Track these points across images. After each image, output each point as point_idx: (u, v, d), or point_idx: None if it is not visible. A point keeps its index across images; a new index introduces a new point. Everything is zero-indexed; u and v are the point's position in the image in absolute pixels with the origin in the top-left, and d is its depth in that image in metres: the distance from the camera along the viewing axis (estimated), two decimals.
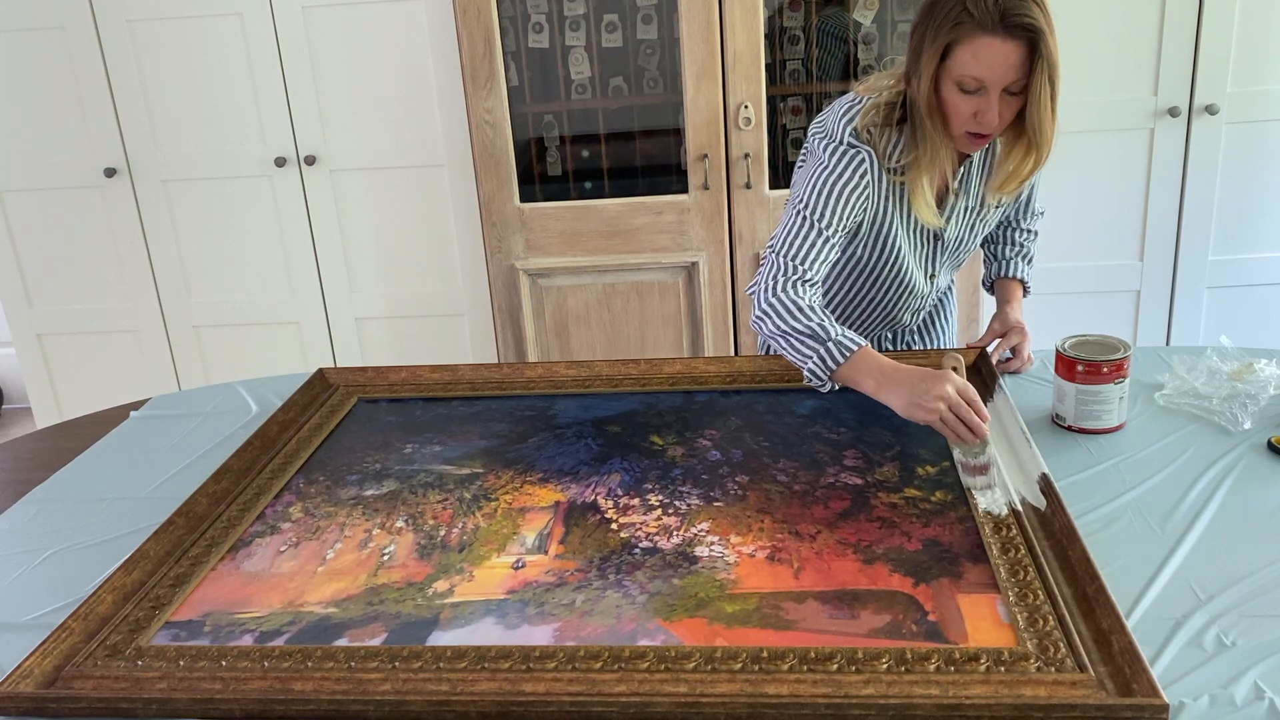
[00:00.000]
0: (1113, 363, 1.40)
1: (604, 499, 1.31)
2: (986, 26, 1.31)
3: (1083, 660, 0.93)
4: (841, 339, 1.38)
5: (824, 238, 1.47)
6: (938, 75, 1.38)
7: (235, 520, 1.31)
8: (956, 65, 1.35)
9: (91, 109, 2.90)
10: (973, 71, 1.34)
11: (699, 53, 2.54)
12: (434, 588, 1.14)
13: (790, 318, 1.41)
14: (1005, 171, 1.50)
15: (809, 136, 1.57)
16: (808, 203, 1.48)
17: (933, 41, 1.36)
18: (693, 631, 1.02)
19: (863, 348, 1.37)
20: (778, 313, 1.43)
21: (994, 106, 1.36)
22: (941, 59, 1.37)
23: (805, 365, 1.40)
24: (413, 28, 2.80)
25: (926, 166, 1.46)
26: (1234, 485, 1.26)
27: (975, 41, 1.33)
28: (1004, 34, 1.31)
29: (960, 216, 1.59)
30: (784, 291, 1.44)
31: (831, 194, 1.47)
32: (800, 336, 1.40)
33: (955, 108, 1.39)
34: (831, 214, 1.47)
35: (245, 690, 0.97)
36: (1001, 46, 1.32)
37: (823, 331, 1.39)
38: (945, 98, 1.39)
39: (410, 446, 1.50)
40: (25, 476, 1.51)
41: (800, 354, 1.40)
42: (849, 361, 1.37)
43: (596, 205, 2.70)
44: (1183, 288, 2.90)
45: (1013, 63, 1.33)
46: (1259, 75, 2.70)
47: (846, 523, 1.21)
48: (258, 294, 3.10)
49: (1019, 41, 1.32)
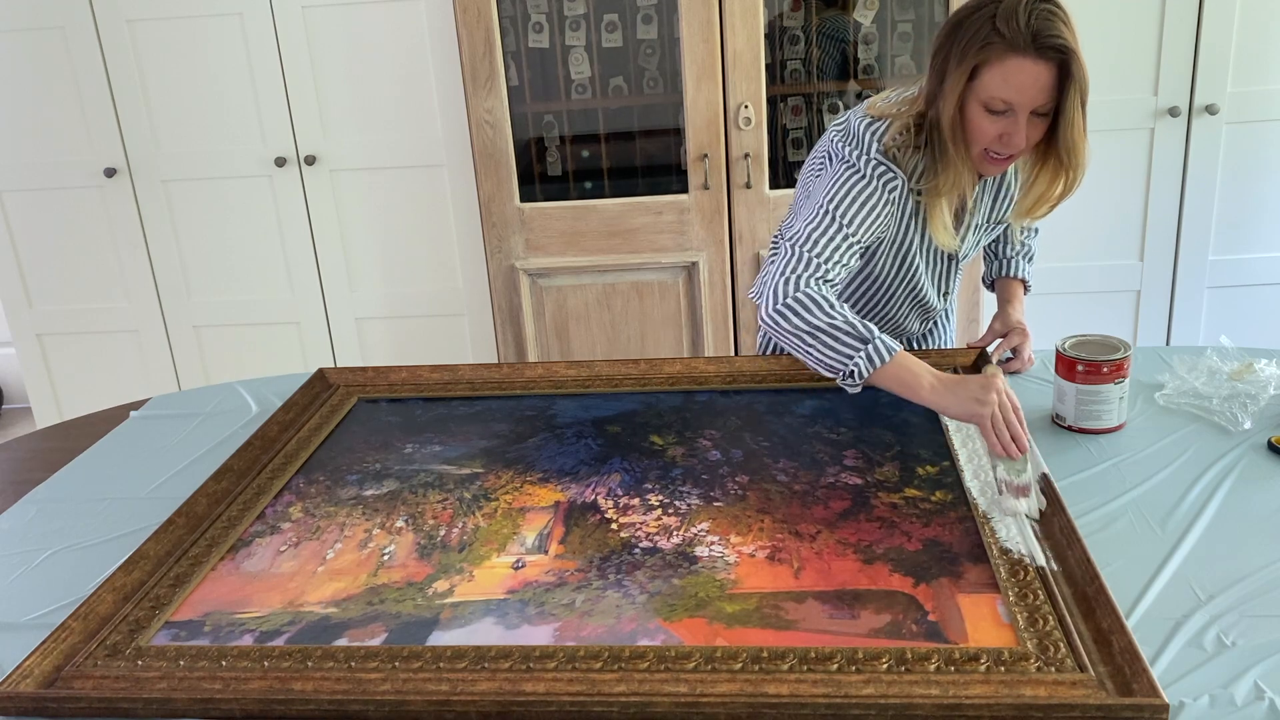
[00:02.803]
0: (1113, 363, 1.40)
1: (604, 499, 1.31)
2: (1018, 47, 1.28)
3: (1083, 660, 0.93)
4: (883, 339, 1.35)
5: (848, 241, 1.43)
6: (964, 96, 1.35)
7: (235, 520, 1.31)
8: (985, 86, 1.32)
9: (91, 109, 2.90)
10: (1002, 94, 1.31)
11: (699, 53, 2.54)
12: (434, 588, 1.14)
13: (821, 313, 1.37)
14: (1035, 195, 1.46)
15: (829, 139, 1.53)
16: (837, 203, 1.44)
17: (960, 62, 1.33)
18: (693, 631, 1.02)
19: (901, 350, 1.36)
20: (805, 308, 1.38)
21: (1022, 128, 1.33)
22: (969, 79, 1.34)
23: (846, 364, 1.36)
24: (413, 28, 2.80)
25: (946, 190, 1.43)
26: (1234, 485, 1.26)
27: (1006, 63, 1.30)
28: (1035, 55, 1.28)
29: (972, 234, 1.60)
30: (809, 286, 1.40)
31: (864, 204, 1.44)
32: (838, 334, 1.36)
33: (980, 129, 1.36)
34: (860, 222, 1.43)
35: (245, 690, 0.97)
36: (1033, 68, 1.29)
37: (865, 330, 1.36)
38: (970, 119, 1.36)
39: (410, 446, 1.50)
40: (25, 476, 1.51)
41: (836, 352, 1.36)
42: (893, 361, 1.34)
43: (596, 205, 2.70)
44: (1183, 288, 2.90)
45: (1044, 84, 1.30)
46: (1259, 75, 2.70)
47: (846, 523, 1.21)
48: (258, 294, 3.10)
49: (1050, 63, 1.29)
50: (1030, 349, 1.65)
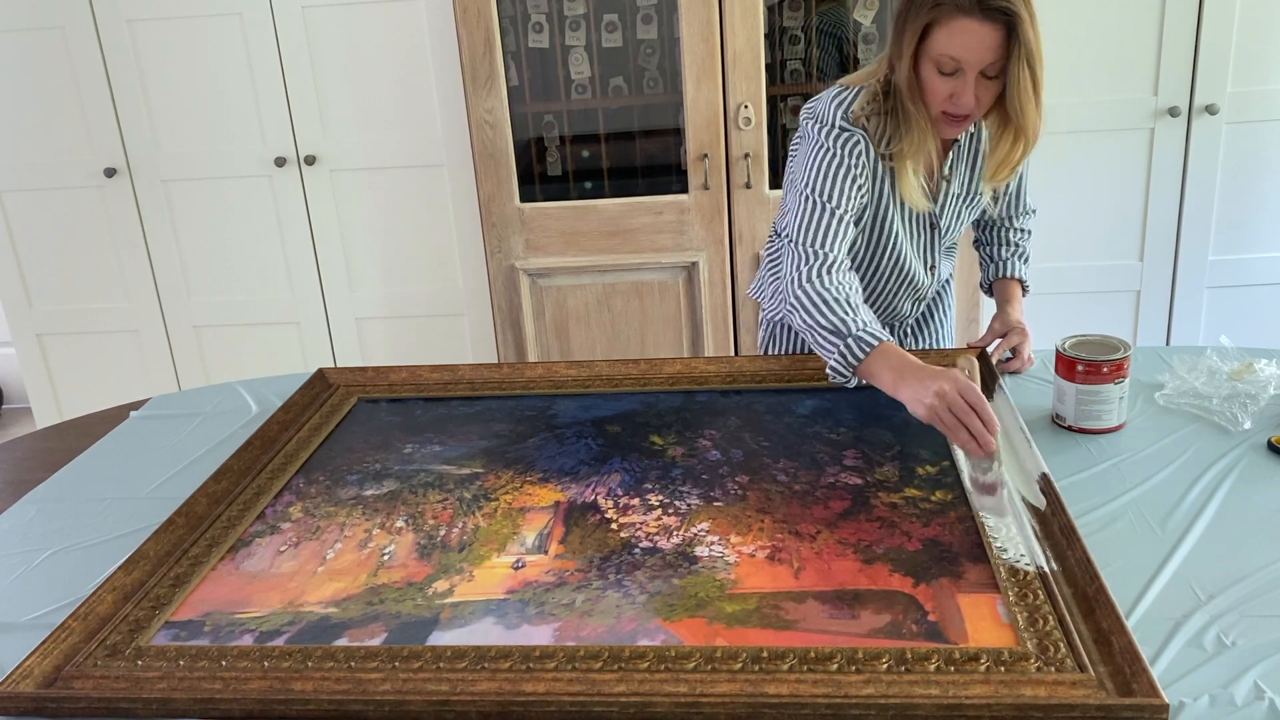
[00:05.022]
0: (1113, 363, 1.40)
1: (604, 499, 1.31)
2: (964, 8, 1.35)
3: (1083, 660, 0.93)
4: (861, 334, 1.37)
5: (837, 217, 1.48)
6: (917, 55, 1.41)
7: (235, 520, 1.31)
8: (935, 45, 1.38)
9: (91, 109, 2.90)
10: (950, 51, 1.37)
11: (699, 53, 2.54)
12: (434, 588, 1.14)
13: (816, 312, 1.42)
14: (997, 159, 1.52)
15: (800, 122, 1.59)
16: (814, 186, 1.49)
17: (913, 21, 1.40)
18: (693, 631, 1.02)
19: (883, 343, 1.36)
20: (804, 306, 1.43)
21: (970, 88, 1.39)
22: (921, 39, 1.39)
23: (828, 361, 1.40)
24: (413, 28, 2.80)
25: (912, 151, 1.48)
26: (1234, 485, 1.26)
27: (953, 23, 1.36)
28: (980, 16, 1.34)
29: (951, 204, 1.61)
30: (809, 283, 1.44)
31: (837, 175, 1.49)
32: (823, 332, 1.40)
33: (933, 89, 1.42)
34: (839, 193, 1.49)
35: (245, 690, 0.97)
36: (978, 29, 1.35)
37: (844, 327, 1.38)
38: (924, 79, 1.42)
39: (410, 446, 1.50)
40: (25, 476, 1.51)
41: (824, 350, 1.41)
42: (869, 357, 1.36)
43: (596, 205, 2.70)
44: (1183, 288, 2.90)
45: (989, 45, 1.35)
46: (1259, 75, 2.70)
47: (846, 523, 1.21)
48: (258, 294, 3.10)
49: (996, 25, 1.34)
50: (1030, 348, 1.66)
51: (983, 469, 1.25)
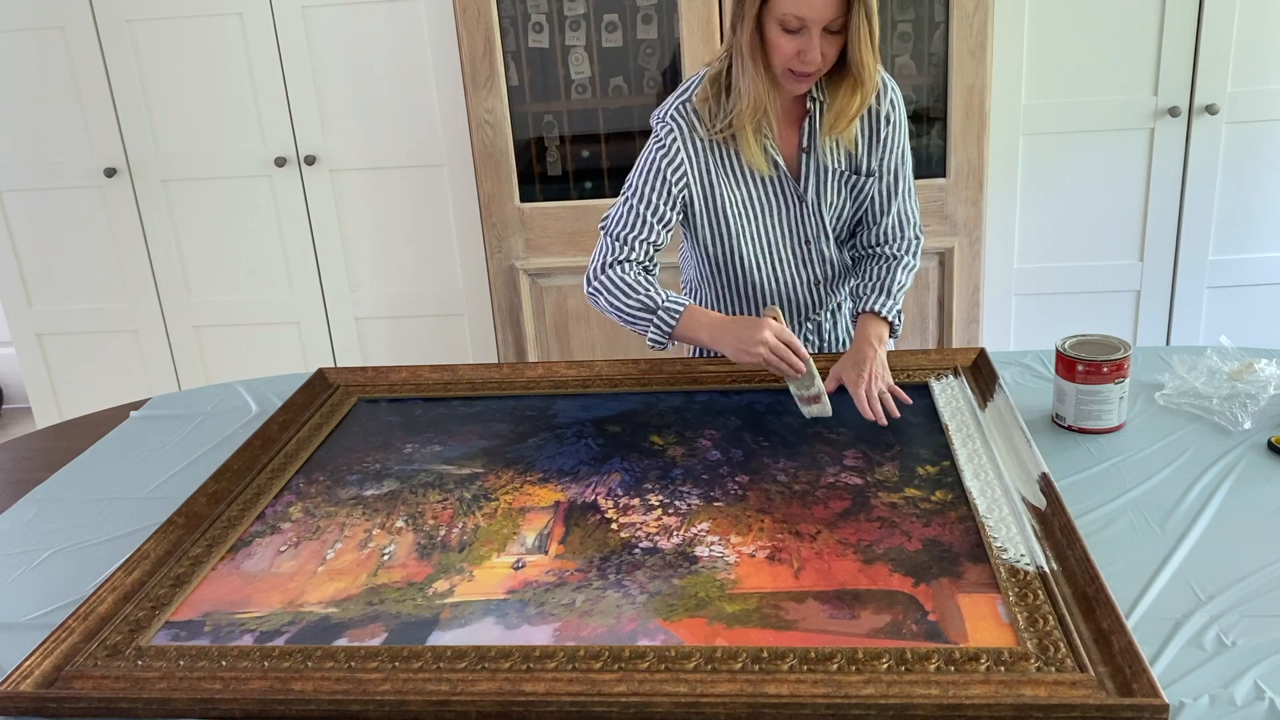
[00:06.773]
0: (1113, 362, 1.40)
1: (604, 499, 1.31)
2: None
3: (1083, 660, 0.93)
4: (669, 304, 1.53)
5: (640, 216, 1.56)
6: (761, 16, 1.45)
7: (235, 520, 1.31)
8: (779, 5, 1.42)
9: (91, 109, 2.90)
10: (794, 10, 1.41)
11: (699, 53, 2.54)
12: (434, 588, 1.14)
13: (620, 295, 1.55)
14: (836, 110, 1.55)
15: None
16: (628, 183, 1.59)
17: None
18: (693, 631, 1.02)
19: (689, 306, 1.53)
20: (607, 290, 1.57)
21: (815, 44, 1.43)
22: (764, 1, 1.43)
23: (646, 334, 1.54)
24: (413, 28, 2.80)
25: (750, 114, 1.51)
26: (1234, 485, 1.26)
27: None
28: None
29: (819, 177, 1.59)
30: (606, 272, 1.57)
31: (643, 170, 1.58)
32: (633, 310, 1.54)
33: (779, 47, 1.45)
34: (648, 189, 1.56)
35: (245, 690, 0.97)
36: None
37: (650, 301, 1.53)
38: (769, 38, 1.45)
39: (410, 446, 1.50)
40: (25, 476, 1.51)
41: (639, 325, 1.55)
42: (680, 321, 1.52)
43: (596, 205, 2.70)
44: (1183, 288, 2.90)
45: (831, 1, 1.40)
46: (1259, 75, 2.70)
47: (846, 523, 1.21)
48: (258, 294, 3.10)
49: None
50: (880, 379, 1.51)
51: (805, 386, 1.47)
